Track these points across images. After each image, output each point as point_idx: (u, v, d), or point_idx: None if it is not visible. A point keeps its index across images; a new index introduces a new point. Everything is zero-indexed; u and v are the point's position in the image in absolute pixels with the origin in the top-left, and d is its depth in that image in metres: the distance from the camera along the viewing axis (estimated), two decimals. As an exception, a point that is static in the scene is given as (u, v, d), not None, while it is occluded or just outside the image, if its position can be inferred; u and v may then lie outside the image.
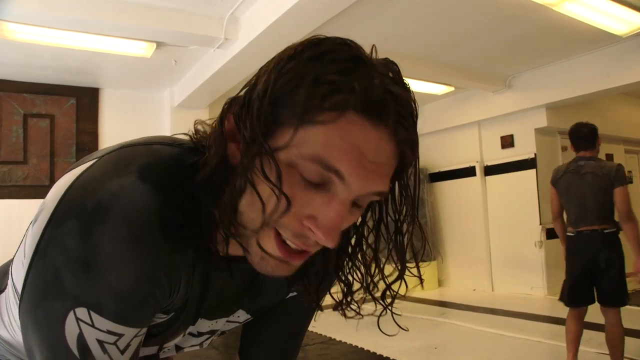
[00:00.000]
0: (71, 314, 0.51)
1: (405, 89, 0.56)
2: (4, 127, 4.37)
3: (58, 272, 0.51)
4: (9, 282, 0.73)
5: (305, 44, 0.55)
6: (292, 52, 0.54)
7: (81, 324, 0.52)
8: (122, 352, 0.55)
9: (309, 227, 0.54)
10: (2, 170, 4.33)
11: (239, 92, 0.59)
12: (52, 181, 4.50)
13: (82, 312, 0.51)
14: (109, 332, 0.53)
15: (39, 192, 4.40)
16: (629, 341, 3.19)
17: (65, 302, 0.51)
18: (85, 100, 4.72)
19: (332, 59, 0.52)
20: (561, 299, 2.80)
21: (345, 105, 0.50)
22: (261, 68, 0.58)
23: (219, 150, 0.57)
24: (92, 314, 0.52)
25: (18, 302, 0.70)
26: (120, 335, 0.54)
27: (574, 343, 2.73)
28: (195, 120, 0.65)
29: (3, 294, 0.75)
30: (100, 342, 0.53)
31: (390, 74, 0.56)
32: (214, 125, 0.61)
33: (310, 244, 0.56)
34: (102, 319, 0.52)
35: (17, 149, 4.41)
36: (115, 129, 4.80)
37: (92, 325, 0.52)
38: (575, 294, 2.73)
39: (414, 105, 0.56)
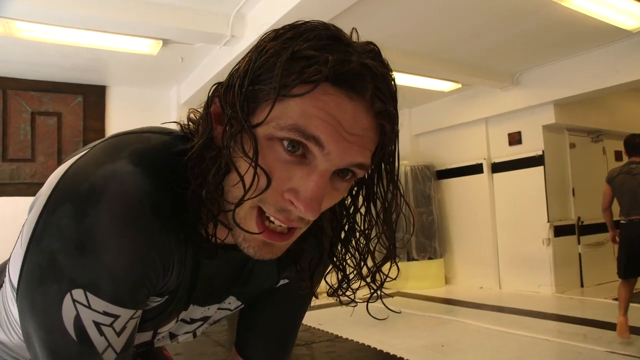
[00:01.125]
0: (68, 296, 0.52)
1: (384, 65, 0.57)
2: (12, 125, 4.40)
3: (54, 256, 0.52)
4: (6, 278, 0.73)
5: (287, 26, 0.57)
6: (274, 35, 0.56)
7: (78, 306, 0.52)
8: (119, 334, 0.56)
9: (290, 200, 0.55)
10: (10, 167, 4.36)
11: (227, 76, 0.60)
12: (60, 179, 4.53)
13: (78, 293, 0.52)
14: (105, 314, 0.54)
15: (47, 189, 4.43)
16: (633, 339, 3.17)
17: (61, 285, 0.52)
18: (92, 98, 4.74)
19: (309, 37, 0.54)
20: (618, 273, 3.41)
21: (318, 76, 0.51)
22: (246, 53, 0.59)
23: (205, 132, 0.58)
24: (89, 294, 0.52)
25: (15, 294, 0.70)
26: (116, 317, 0.55)
27: (626, 303, 3.27)
28: (189, 109, 0.67)
29: (0, 290, 0.75)
30: (97, 324, 0.54)
31: (369, 53, 0.57)
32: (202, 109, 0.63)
33: (292, 218, 0.57)
34: (98, 299, 0.53)
35: (25, 147, 4.44)
36: (122, 126, 4.71)
37: (89, 307, 0.53)
38: (628, 269, 3.36)
39: (391, 80, 0.57)
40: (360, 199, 0.67)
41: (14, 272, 0.68)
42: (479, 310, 4.45)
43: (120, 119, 4.85)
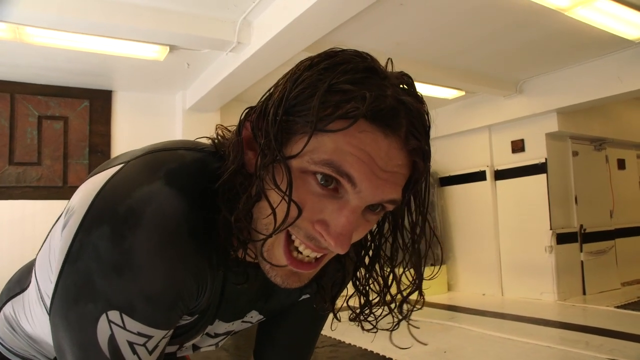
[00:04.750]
0: (103, 316, 0.53)
1: (418, 100, 0.57)
2: (19, 129, 4.44)
3: (90, 276, 0.52)
4: (33, 280, 0.75)
5: (322, 55, 0.57)
6: (309, 63, 0.56)
7: (113, 326, 0.53)
8: (151, 352, 0.57)
9: (320, 232, 0.55)
10: (16, 171, 4.40)
11: (260, 101, 0.60)
12: (66, 182, 4.55)
13: (114, 314, 0.53)
14: (140, 334, 0.55)
15: (53, 193, 4.46)
16: (630, 345, 3.18)
17: (97, 305, 0.53)
18: (98, 103, 4.78)
19: (346, 69, 0.53)
20: None
21: (356, 113, 0.51)
22: (280, 78, 0.59)
23: (237, 158, 0.58)
24: (124, 316, 0.53)
25: (41, 301, 0.72)
26: (149, 337, 0.56)
27: None
28: (217, 125, 0.67)
29: (26, 291, 0.78)
30: (131, 344, 0.54)
31: (404, 86, 0.57)
32: (233, 132, 0.63)
33: (321, 247, 0.57)
34: (134, 321, 0.54)
35: (32, 151, 4.47)
36: (128, 131, 4.85)
37: (124, 328, 0.53)
38: None
39: (426, 117, 0.57)
40: (386, 226, 0.67)
41: (42, 280, 0.70)
42: (482, 316, 4.45)
43: (126, 123, 4.87)
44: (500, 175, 5.59)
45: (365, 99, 0.51)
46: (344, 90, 0.52)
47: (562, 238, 5.13)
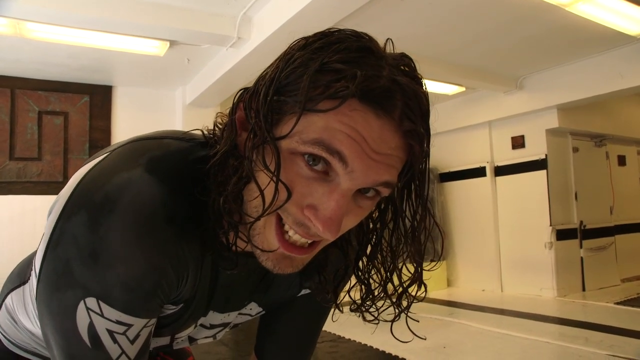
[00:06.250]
0: (81, 303, 0.52)
1: (417, 81, 0.55)
2: (19, 124, 4.43)
3: (69, 263, 0.52)
4: (32, 273, 0.75)
5: (318, 34, 0.55)
6: (303, 43, 0.55)
7: (91, 314, 0.53)
8: (132, 342, 0.56)
9: (309, 217, 0.54)
10: (17, 166, 4.40)
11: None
12: (66, 177, 4.56)
13: (91, 302, 0.52)
14: (118, 322, 0.54)
15: (53, 188, 4.46)
16: (629, 341, 3.19)
17: (76, 292, 0.52)
18: (98, 98, 4.77)
19: (339, 48, 0.52)
20: None
21: (345, 92, 0.49)
22: (275, 59, 0.58)
23: (229, 139, 0.57)
24: (102, 304, 0.53)
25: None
26: (129, 326, 0.55)
27: None
28: (217, 113, 0.66)
29: (27, 285, 0.78)
30: (110, 332, 0.54)
31: (403, 67, 0.55)
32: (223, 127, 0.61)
33: (311, 234, 0.55)
34: (111, 309, 0.53)
35: (32, 146, 4.47)
36: (128, 126, 4.84)
37: (102, 315, 0.53)
38: None
39: (424, 99, 0.54)
40: (389, 214, 0.64)
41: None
42: (481, 312, 4.46)
43: (125, 118, 4.87)
44: (500, 171, 5.59)
45: (356, 78, 0.49)
46: (336, 69, 0.50)
47: (562, 234, 5.13)
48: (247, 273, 0.70)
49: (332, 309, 0.78)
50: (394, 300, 0.66)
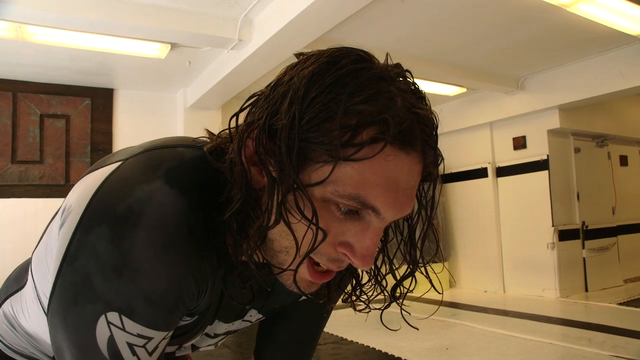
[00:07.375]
0: (102, 317, 0.52)
1: (424, 102, 0.56)
2: (21, 128, 4.44)
3: (89, 277, 0.51)
4: (29, 279, 0.75)
5: (322, 63, 0.53)
6: (310, 74, 0.52)
7: (112, 328, 0.52)
8: (150, 354, 0.56)
9: (344, 254, 0.55)
10: (19, 169, 4.41)
11: (245, 104, 0.58)
12: (68, 181, 4.56)
13: (113, 316, 0.52)
14: (139, 336, 0.54)
15: (55, 191, 4.47)
16: (632, 342, 3.18)
17: (96, 306, 0.52)
18: (99, 101, 4.78)
19: (356, 86, 0.51)
20: None
21: (380, 140, 0.49)
22: (275, 84, 0.55)
23: (243, 184, 0.55)
24: (124, 318, 0.52)
25: (37, 300, 0.72)
26: (149, 339, 0.55)
27: None
28: (221, 131, 0.65)
29: (23, 290, 0.78)
30: (130, 345, 0.54)
31: (406, 85, 0.55)
32: (231, 150, 0.58)
33: (344, 266, 0.57)
34: (133, 323, 0.53)
35: (34, 149, 4.48)
36: (129, 129, 4.85)
37: (123, 329, 0.53)
38: None
39: (434, 120, 0.56)
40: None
41: (39, 278, 0.69)
42: (484, 313, 4.45)
43: (127, 121, 4.88)
44: (502, 172, 5.58)
45: (387, 123, 0.49)
46: (359, 111, 0.50)
47: (564, 235, 5.13)
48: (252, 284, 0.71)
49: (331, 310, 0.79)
50: (388, 290, 0.67)
